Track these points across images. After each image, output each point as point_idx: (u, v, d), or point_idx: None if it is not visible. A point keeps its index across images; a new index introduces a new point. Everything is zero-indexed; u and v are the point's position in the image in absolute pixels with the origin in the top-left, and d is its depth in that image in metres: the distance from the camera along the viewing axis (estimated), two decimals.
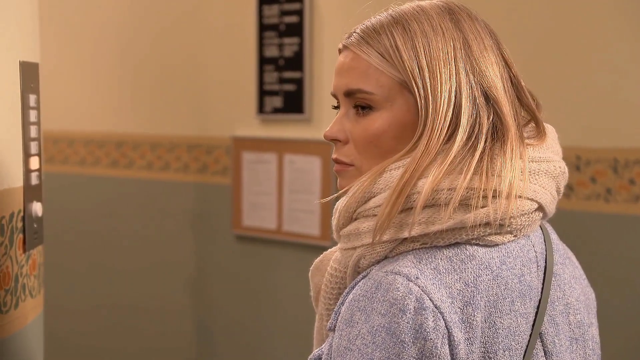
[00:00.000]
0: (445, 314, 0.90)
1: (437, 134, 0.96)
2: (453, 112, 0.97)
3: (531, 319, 0.99)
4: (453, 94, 0.97)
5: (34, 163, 1.53)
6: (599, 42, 2.60)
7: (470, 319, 0.91)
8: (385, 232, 0.95)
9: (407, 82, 1.00)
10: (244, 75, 3.48)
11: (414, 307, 0.89)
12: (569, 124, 2.68)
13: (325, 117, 3.28)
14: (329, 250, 1.13)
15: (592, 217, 2.67)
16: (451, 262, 0.93)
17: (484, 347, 0.92)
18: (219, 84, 3.56)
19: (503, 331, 0.94)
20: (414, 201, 0.94)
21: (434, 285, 0.91)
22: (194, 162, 3.66)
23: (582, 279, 1.13)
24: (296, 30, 3.30)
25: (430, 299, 0.90)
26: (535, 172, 0.99)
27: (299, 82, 3.33)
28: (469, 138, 0.96)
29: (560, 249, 1.09)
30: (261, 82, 3.43)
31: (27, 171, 1.51)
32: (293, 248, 3.40)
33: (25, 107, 1.50)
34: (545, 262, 1.03)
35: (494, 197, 0.93)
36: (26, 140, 1.50)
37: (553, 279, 1.03)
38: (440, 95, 0.97)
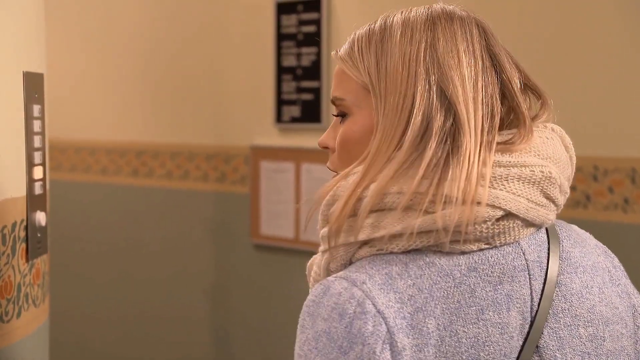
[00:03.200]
0: (388, 319, 0.87)
1: (389, 137, 0.94)
2: (406, 114, 0.94)
3: (523, 330, 0.93)
4: (408, 97, 0.94)
5: (38, 173, 1.54)
6: (618, 49, 2.57)
7: (421, 325, 0.88)
8: (339, 236, 0.94)
9: (368, 84, 0.99)
10: (262, 84, 3.48)
11: (354, 312, 0.88)
12: (586, 133, 2.65)
13: None
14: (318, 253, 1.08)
15: (610, 228, 2.64)
16: (406, 268, 0.90)
17: (443, 356, 0.88)
18: (237, 94, 3.57)
19: (467, 340, 0.89)
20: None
21: (382, 290, 0.89)
22: (213, 171, 3.67)
23: (608, 281, 1.04)
24: (314, 39, 3.30)
25: (373, 304, 0.88)
26: (502, 177, 0.92)
27: (317, 92, 3.33)
28: (420, 141, 0.92)
29: (578, 260, 1.01)
30: (279, 91, 3.43)
31: (31, 181, 1.52)
32: (310, 257, 3.39)
33: (28, 117, 1.51)
34: (547, 271, 0.96)
35: (448, 203, 0.89)
36: (30, 150, 1.51)
37: (557, 289, 0.96)
38: (393, 97, 0.95)
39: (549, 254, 0.98)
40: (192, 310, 3.75)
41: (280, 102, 3.43)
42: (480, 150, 0.91)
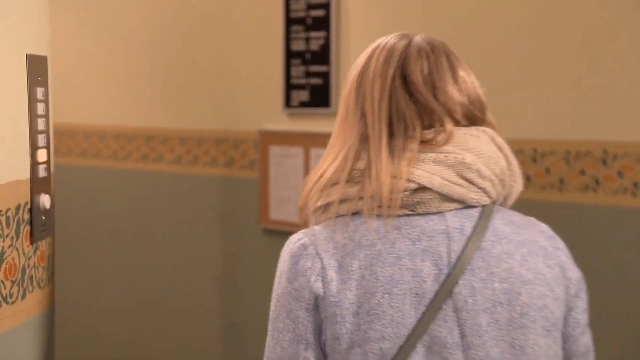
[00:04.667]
0: (324, 260, 1.21)
1: (335, 134, 1.31)
2: (344, 126, 1.30)
3: (439, 279, 1.20)
4: (348, 106, 1.30)
5: (42, 155, 1.54)
6: (626, 37, 2.55)
7: (347, 265, 1.20)
8: (306, 209, 1.30)
9: None
10: (271, 69, 3.48)
11: (300, 253, 1.23)
12: (595, 119, 2.64)
13: None
14: None
15: (620, 212, 2.63)
16: (346, 226, 1.23)
17: (363, 288, 1.19)
18: (246, 79, 3.57)
19: (384, 278, 1.19)
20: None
21: (325, 239, 1.23)
22: (222, 156, 3.68)
23: (532, 254, 1.27)
24: (323, 24, 3.29)
25: (314, 249, 1.22)
26: (420, 160, 1.22)
27: (326, 76, 3.32)
28: (352, 141, 1.27)
29: (506, 234, 1.26)
30: (288, 76, 3.43)
31: (35, 163, 1.52)
32: None
33: (32, 100, 1.51)
34: (470, 237, 1.23)
35: (376, 178, 1.22)
36: (33, 132, 1.51)
37: (478, 252, 1.23)
38: (341, 106, 1.32)
39: (477, 226, 1.24)
40: (200, 295, 3.76)
41: (289, 87, 3.42)
42: (388, 144, 1.24)
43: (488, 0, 2.85)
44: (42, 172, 1.55)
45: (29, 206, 1.51)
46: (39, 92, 1.53)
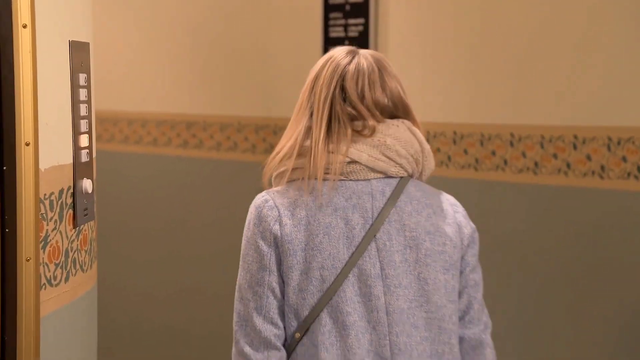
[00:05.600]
0: (280, 209, 1.66)
1: (291, 121, 1.74)
2: (299, 117, 1.73)
3: (365, 227, 1.64)
4: (302, 102, 1.74)
5: (84, 141, 1.57)
6: (619, 33, 2.52)
7: (297, 214, 1.65)
8: (267, 176, 1.74)
9: None
10: (310, 56, 3.48)
11: (263, 205, 1.67)
12: (599, 106, 2.66)
13: None
14: None
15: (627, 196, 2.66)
16: (297, 187, 1.67)
17: (308, 231, 1.63)
18: (286, 65, 3.58)
19: (324, 224, 1.64)
20: None
21: (281, 195, 1.68)
22: (261, 143, 3.70)
23: (437, 215, 1.71)
24: (361, 10, 3.28)
25: (273, 201, 1.67)
26: (353, 142, 1.66)
27: None
28: (306, 125, 1.70)
29: (417, 197, 1.69)
30: None
31: (77, 149, 1.55)
32: None
33: (74, 86, 1.53)
34: (389, 198, 1.67)
35: (315, 153, 1.65)
36: (76, 118, 1.54)
37: (394, 208, 1.66)
38: (299, 100, 1.75)
39: (395, 190, 1.68)
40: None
41: None
42: (326, 132, 1.67)
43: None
44: (84, 157, 1.57)
45: (71, 190, 1.53)
46: (82, 78, 1.56)
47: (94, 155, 1.66)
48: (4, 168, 1.37)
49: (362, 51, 1.75)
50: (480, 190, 3.01)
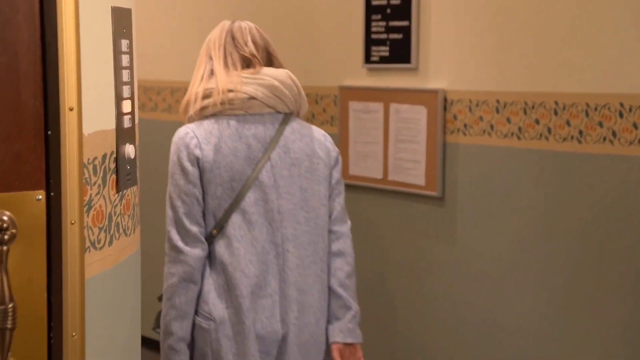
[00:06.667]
0: (199, 137, 2.18)
1: (195, 71, 2.33)
2: (201, 64, 2.32)
3: (262, 150, 2.23)
4: (202, 56, 2.33)
5: (127, 106, 1.58)
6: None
7: (209, 139, 2.18)
8: (186, 113, 2.28)
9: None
10: (352, 24, 3.46)
11: (184, 136, 2.19)
12: (613, 72, 2.63)
13: (432, 66, 3.24)
14: None
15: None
16: (210, 122, 2.21)
17: (221, 154, 2.18)
18: (326, 34, 3.56)
19: (232, 147, 2.20)
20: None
21: (198, 128, 2.20)
22: None
23: (312, 142, 2.32)
24: None
25: (193, 132, 2.19)
26: (249, 82, 2.23)
27: (407, 31, 3.29)
28: (209, 69, 2.29)
29: (298, 129, 2.30)
30: (368, 31, 3.41)
31: (120, 114, 1.56)
32: (399, 197, 3.39)
33: (117, 52, 1.55)
34: (278, 129, 2.27)
35: (223, 92, 2.21)
36: (118, 84, 1.55)
37: (282, 136, 2.26)
38: (199, 57, 2.33)
39: (282, 122, 2.27)
40: None
41: (369, 42, 3.41)
42: (232, 71, 2.24)
43: None
44: (127, 122, 1.59)
45: (114, 156, 1.55)
46: (124, 44, 1.57)
47: (137, 121, 1.68)
48: (49, 133, 1.39)
49: (240, 21, 2.34)
50: (524, 159, 2.99)
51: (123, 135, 1.57)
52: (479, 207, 3.14)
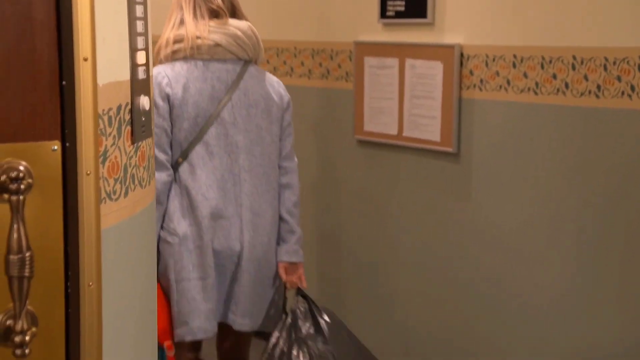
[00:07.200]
0: (170, 77, 2.59)
1: (167, 19, 2.69)
2: (172, 11, 2.70)
3: (225, 91, 2.63)
4: (173, 6, 2.68)
5: (141, 57, 1.57)
6: None
7: (180, 81, 2.60)
8: (159, 56, 2.66)
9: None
10: None
11: (157, 76, 2.57)
12: (632, 25, 2.63)
13: (448, 21, 3.20)
14: None
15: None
16: (179, 64, 2.62)
17: (189, 93, 2.59)
18: None
19: (199, 88, 2.61)
20: None
21: (169, 69, 2.61)
22: (318, 68, 3.68)
23: (268, 87, 2.74)
24: None
25: (164, 72, 2.59)
26: (215, 31, 2.61)
27: None
28: (179, 17, 2.66)
29: (256, 75, 2.72)
30: None
31: (134, 65, 1.55)
32: (414, 153, 3.38)
33: (131, 3, 1.53)
34: (238, 73, 2.67)
35: (193, 38, 2.58)
36: (132, 35, 1.54)
37: (242, 80, 2.65)
38: (171, 7, 2.70)
39: (242, 68, 2.67)
40: None
41: None
42: (200, 20, 2.62)
43: None
44: (141, 74, 1.58)
45: (129, 107, 1.55)
46: None
47: (151, 73, 1.67)
48: (63, 83, 1.39)
49: None
50: (540, 115, 2.96)
51: (137, 86, 1.57)
52: (494, 163, 3.13)
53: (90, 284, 1.42)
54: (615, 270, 2.83)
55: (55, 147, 1.38)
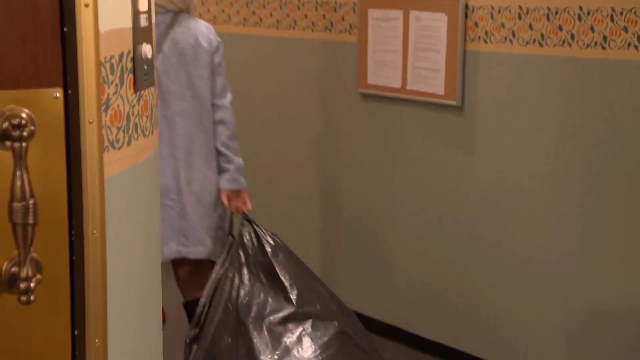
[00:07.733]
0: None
1: None
2: None
3: (158, 41, 2.65)
4: None
5: (143, 5, 1.56)
6: None
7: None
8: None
9: None
10: None
11: None
12: None
13: None
14: None
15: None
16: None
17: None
18: None
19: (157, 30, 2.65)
20: None
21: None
22: (321, 20, 3.64)
23: (197, 34, 2.93)
24: None
25: None
26: None
27: None
28: None
29: (185, 24, 2.92)
30: None
31: (136, 12, 1.54)
32: (417, 106, 3.37)
33: None
34: (168, 24, 2.90)
35: None
36: None
37: (171, 30, 2.88)
38: None
39: (172, 19, 2.92)
40: (299, 155, 3.82)
41: None
42: None
43: None
44: (143, 21, 1.57)
45: (131, 55, 1.53)
46: None
47: (153, 21, 1.65)
48: (65, 29, 1.37)
49: None
50: (546, 67, 2.94)
51: (140, 34, 1.55)
52: (499, 116, 3.12)
53: (94, 232, 1.42)
54: (620, 225, 2.83)
55: (58, 95, 1.37)
